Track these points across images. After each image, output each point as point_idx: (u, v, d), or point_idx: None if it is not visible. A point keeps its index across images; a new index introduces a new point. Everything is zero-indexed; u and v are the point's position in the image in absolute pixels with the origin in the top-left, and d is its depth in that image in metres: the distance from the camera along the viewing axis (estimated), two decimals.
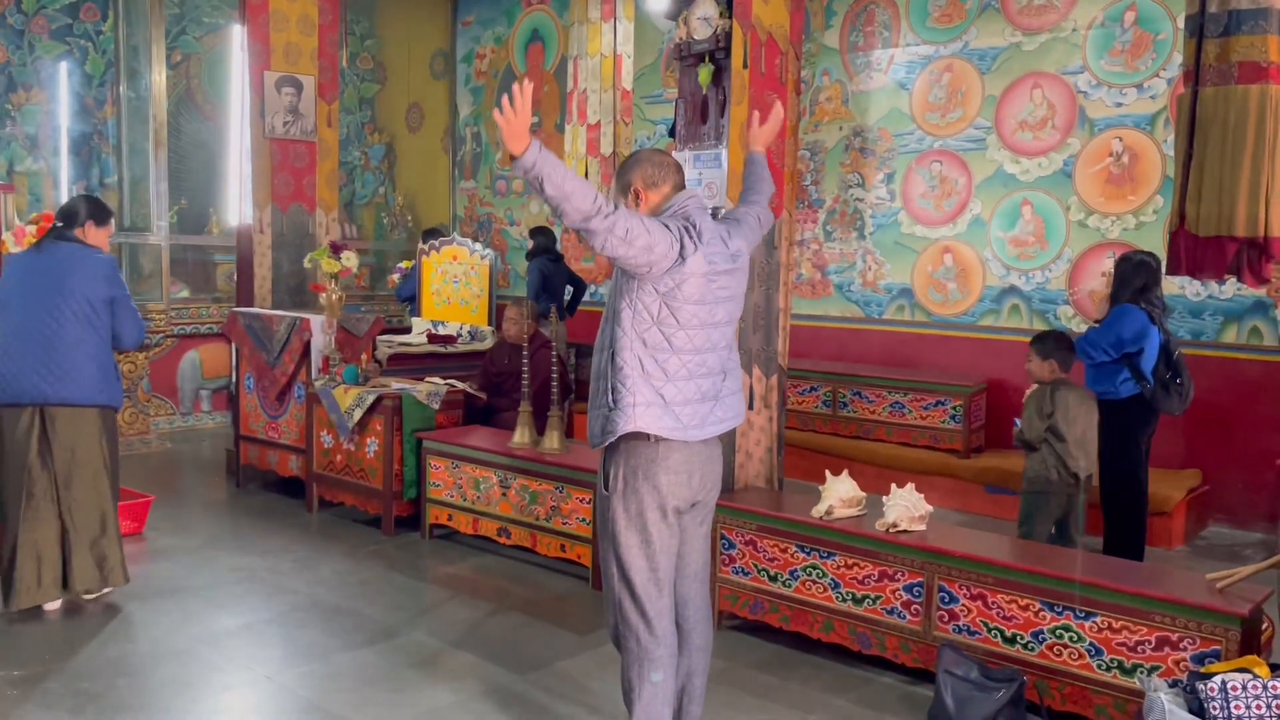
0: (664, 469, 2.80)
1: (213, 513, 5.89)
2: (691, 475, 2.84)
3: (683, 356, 2.80)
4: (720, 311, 2.86)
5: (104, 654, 3.79)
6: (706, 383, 2.86)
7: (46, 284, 4.06)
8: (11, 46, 7.42)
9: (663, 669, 2.84)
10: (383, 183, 9.98)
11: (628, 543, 2.82)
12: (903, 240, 6.96)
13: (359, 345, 5.95)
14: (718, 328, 2.87)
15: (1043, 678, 3.33)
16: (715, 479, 2.97)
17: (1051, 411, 4.23)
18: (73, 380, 4.01)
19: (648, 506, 2.80)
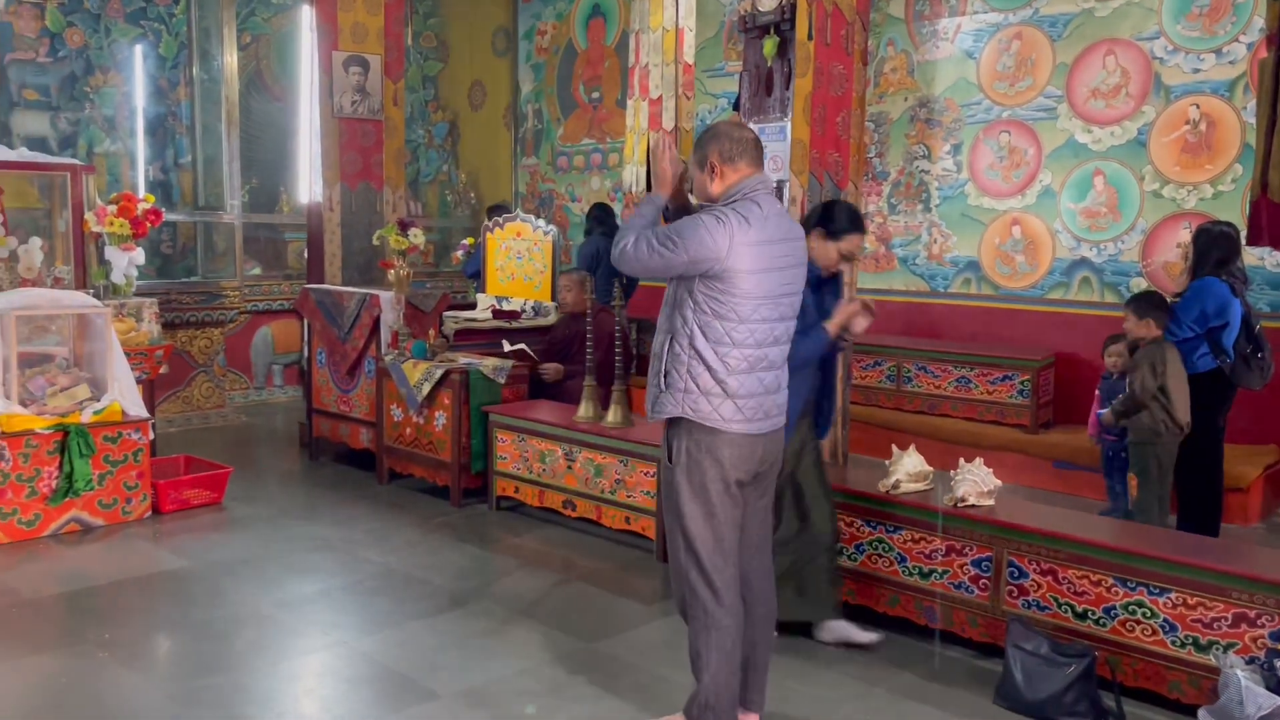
0: (726, 443, 2.83)
1: (287, 484, 6.06)
2: (754, 448, 2.87)
3: (744, 350, 2.81)
4: (784, 305, 2.87)
5: (189, 618, 3.95)
6: (769, 376, 2.89)
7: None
8: (88, 30, 7.63)
9: (730, 638, 2.87)
10: (446, 160, 10.09)
11: (692, 514, 2.85)
12: (969, 212, 6.86)
13: (427, 321, 6.05)
14: (781, 322, 2.89)
15: (1114, 653, 3.30)
16: (777, 452, 2.99)
17: (1163, 369, 4.33)
18: None
19: (710, 479, 2.83)
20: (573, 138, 9.37)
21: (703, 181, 2.91)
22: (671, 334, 2.85)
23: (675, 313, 2.85)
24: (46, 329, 5.24)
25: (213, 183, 8.26)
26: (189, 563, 4.57)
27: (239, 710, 3.21)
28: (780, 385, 2.94)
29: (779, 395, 2.93)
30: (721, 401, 2.80)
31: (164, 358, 6.07)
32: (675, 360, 2.83)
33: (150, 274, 7.52)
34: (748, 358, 2.81)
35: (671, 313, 2.87)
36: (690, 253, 2.73)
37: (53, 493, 4.86)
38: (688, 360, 2.81)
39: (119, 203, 6.01)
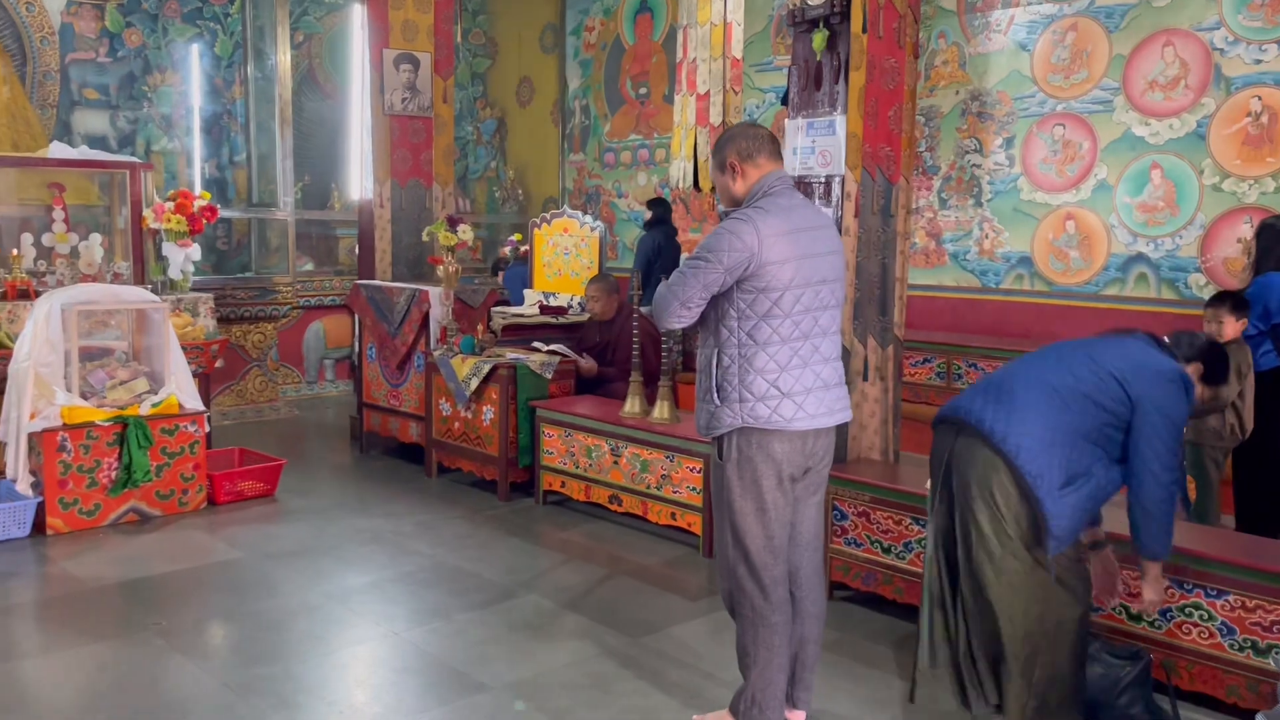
0: (780, 439, 2.81)
1: (338, 476, 6.15)
2: (806, 442, 2.85)
3: (793, 344, 2.79)
4: (825, 292, 2.84)
5: (244, 608, 4.02)
6: (826, 369, 2.87)
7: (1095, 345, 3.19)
8: (146, 30, 7.79)
9: (778, 635, 2.86)
10: (494, 157, 10.16)
11: (743, 510, 2.84)
12: (1022, 207, 6.75)
13: (475, 316, 6.11)
14: (825, 310, 2.85)
15: (1170, 656, 3.23)
16: (829, 447, 2.97)
17: (1247, 370, 4.24)
18: None
19: (763, 474, 2.82)
20: (620, 133, 9.38)
21: (725, 184, 2.91)
22: (718, 347, 2.84)
23: (718, 325, 2.83)
24: (106, 323, 5.36)
25: (266, 180, 8.40)
26: (243, 553, 4.65)
27: (292, 698, 3.27)
28: (839, 379, 2.91)
29: (839, 390, 2.90)
30: (779, 402, 2.78)
31: (219, 352, 6.19)
32: (725, 373, 2.82)
33: (206, 270, 7.68)
34: (798, 352, 2.80)
35: (715, 327, 2.85)
36: (725, 260, 2.71)
37: (112, 483, 4.97)
38: (738, 370, 2.79)
39: (176, 200, 6.14)
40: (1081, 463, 2.76)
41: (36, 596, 4.18)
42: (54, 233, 6.06)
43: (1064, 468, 2.72)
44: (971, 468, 2.80)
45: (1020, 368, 2.95)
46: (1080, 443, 2.76)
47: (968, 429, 2.83)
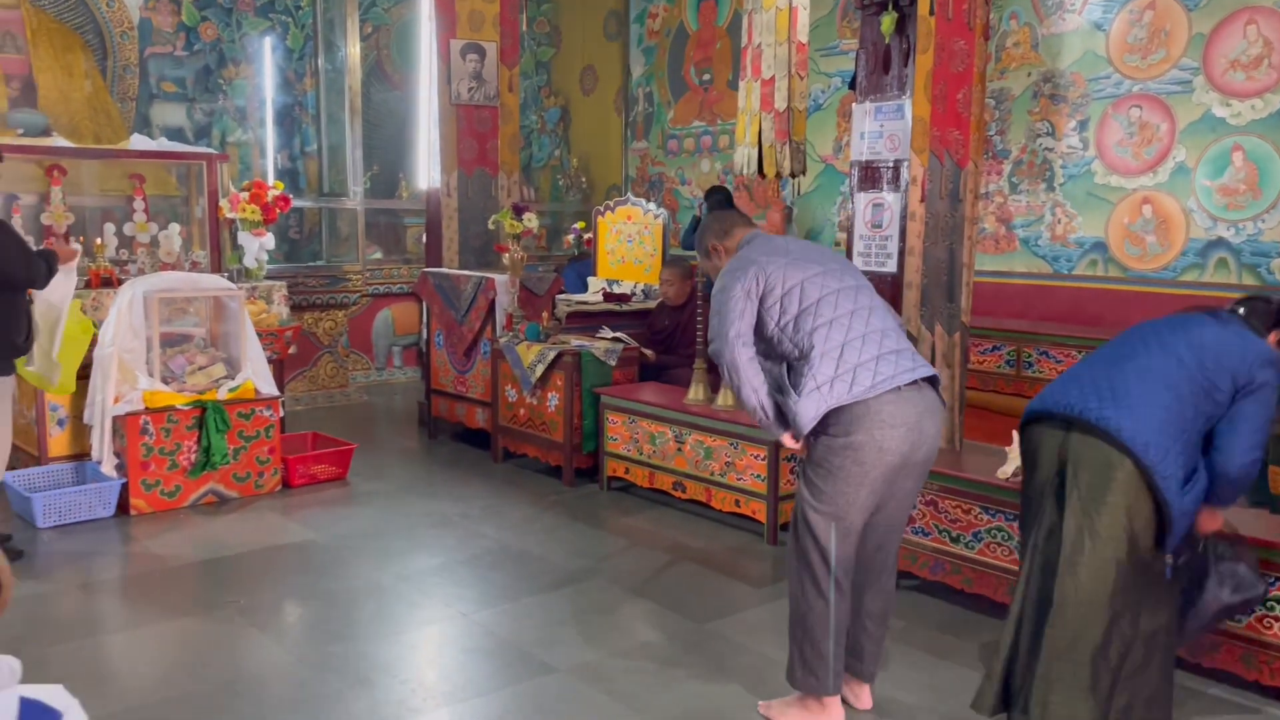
0: (878, 423, 2.77)
1: (407, 461, 6.27)
2: (910, 428, 2.81)
3: (842, 321, 2.83)
4: (861, 296, 2.93)
5: (318, 587, 4.13)
6: (889, 340, 2.86)
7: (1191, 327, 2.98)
8: (221, 24, 7.98)
9: (835, 613, 2.89)
10: (558, 145, 10.21)
11: (821, 490, 2.84)
12: (1096, 191, 6.59)
13: (540, 304, 6.16)
14: (860, 290, 2.94)
15: (1250, 650, 3.15)
16: (935, 433, 2.91)
17: None
18: None
19: (859, 458, 2.79)
20: (683, 120, 9.36)
21: (713, 266, 3.13)
22: (779, 362, 2.90)
23: (772, 349, 2.91)
24: (185, 310, 5.53)
25: (336, 170, 8.55)
26: (316, 535, 4.77)
27: (364, 676, 3.35)
28: (906, 345, 2.91)
29: (910, 352, 2.90)
30: (854, 376, 2.77)
31: (293, 339, 6.34)
32: (796, 375, 2.85)
33: (279, 258, 7.85)
34: (850, 327, 2.83)
35: (769, 352, 2.92)
36: (741, 286, 2.85)
37: (192, 466, 5.14)
38: (807, 370, 2.82)
39: (251, 190, 6.28)
40: (1193, 459, 2.68)
41: (121, 574, 4.34)
42: (135, 222, 6.25)
43: (1184, 465, 2.63)
44: (1091, 466, 2.66)
45: (1123, 357, 2.80)
46: (1194, 438, 2.67)
47: (1081, 424, 2.69)
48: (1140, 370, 2.72)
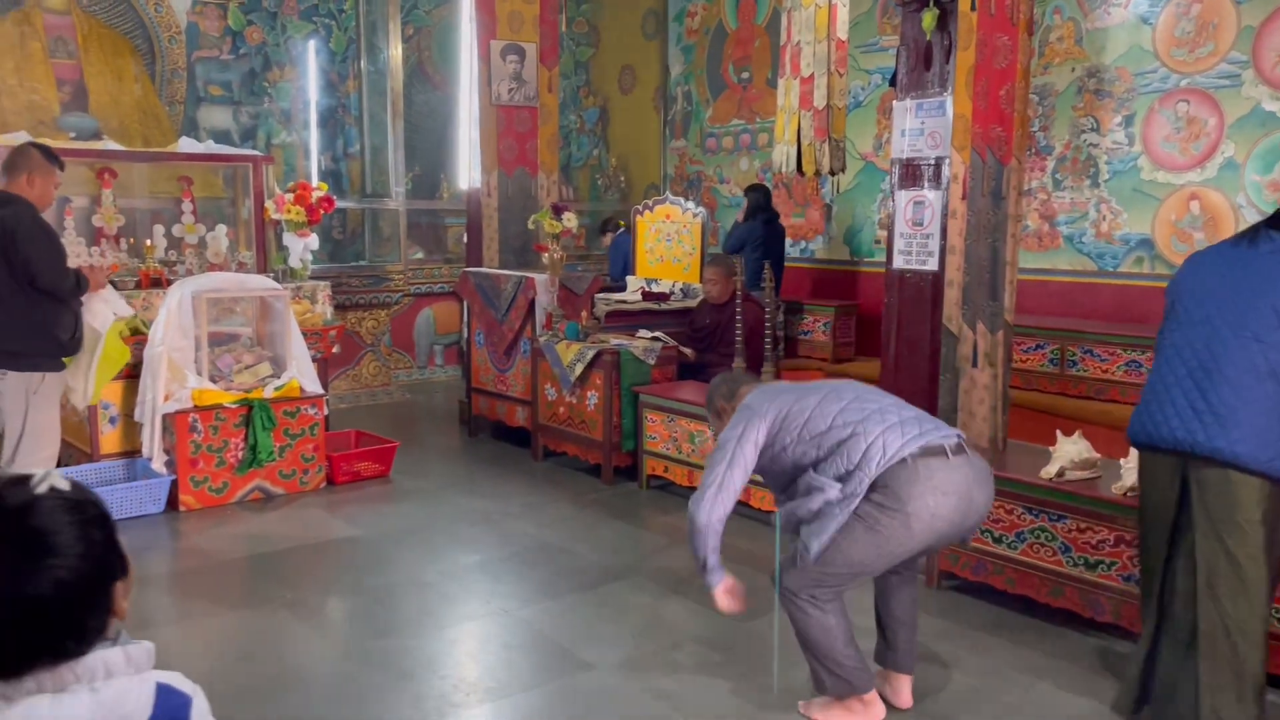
0: (931, 489, 2.74)
1: (448, 458, 6.33)
2: (961, 497, 2.78)
3: (847, 412, 2.90)
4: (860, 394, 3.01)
5: (363, 583, 4.19)
6: (911, 414, 2.92)
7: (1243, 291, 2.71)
8: (266, 28, 8.10)
9: (835, 616, 2.93)
10: (596, 144, 10.25)
11: (847, 550, 2.82)
12: (1142, 187, 6.49)
13: (579, 303, 6.19)
14: (869, 394, 3.01)
15: None
16: (986, 502, 2.89)
17: None
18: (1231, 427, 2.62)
19: (907, 527, 2.76)
20: (722, 119, 9.35)
21: (721, 426, 3.21)
22: (803, 478, 2.92)
23: (791, 468, 2.96)
24: (232, 310, 5.62)
25: (379, 171, 8.65)
26: (360, 531, 4.84)
27: (407, 670, 3.40)
28: (934, 421, 2.95)
29: (939, 422, 2.94)
30: (876, 442, 2.80)
31: (336, 338, 6.42)
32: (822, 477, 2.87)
33: (323, 258, 7.96)
34: (862, 408, 2.91)
35: (790, 470, 2.96)
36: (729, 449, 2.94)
37: (239, 463, 5.23)
38: (824, 466, 2.87)
39: (296, 191, 6.38)
40: None
41: (171, 569, 4.43)
42: (183, 224, 6.37)
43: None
44: (1215, 489, 2.62)
45: (1207, 368, 2.66)
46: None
47: (1196, 459, 2.65)
48: (1230, 379, 2.62)
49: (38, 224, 4.12)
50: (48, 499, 1.22)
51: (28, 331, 4.13)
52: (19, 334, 4.12)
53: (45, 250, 4.12)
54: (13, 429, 4.16)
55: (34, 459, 4.20)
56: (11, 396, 4.14)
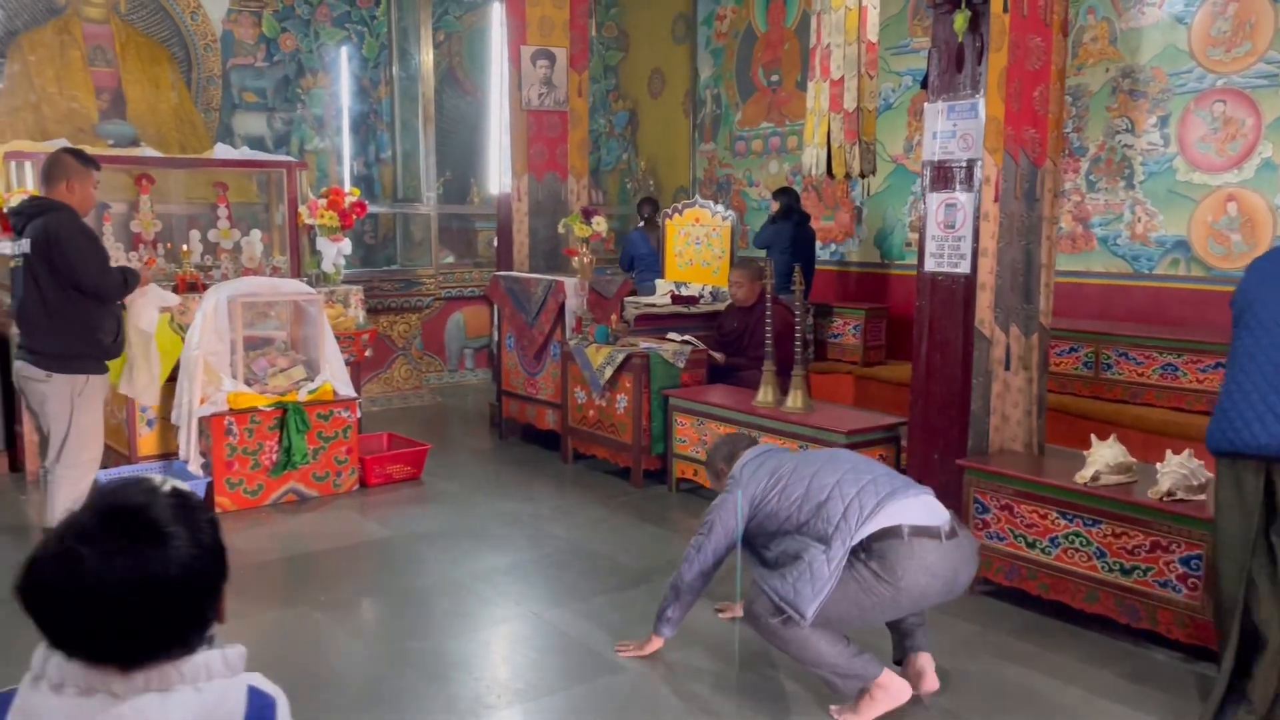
0: (922, 569, 2.89)
1: (479, 461, 6.37)
2: (947, 581, 2.94)
3: (825, 469, 3.09)
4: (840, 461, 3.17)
5: (396, 585, 4.22)
6: (881, 470, 3.11)
7: None
8: (300, 35, 8.19)
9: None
10: (626, 148, 10.27)
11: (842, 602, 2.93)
12: (1178, 188, 6.42)
13: (609, 306, 6.20)
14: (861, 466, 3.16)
15: None
16: (967, 581, 3.04)
17: None
18: None
19: (895, 600, 2.93)
20: (751, 122, 9.34)
21: (722, 485, 3.42)
22: (789, 544, 3.06)
23: (777, 537, 3.12)
24: (267, 314, 5.69)
25: (410, 176, 8.72)
26: (392, 533, 4.88)
27: (439, 672, 3.42)
28: (926, 491, 3.08)
29: (929, 494, 3.07)
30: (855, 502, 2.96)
31: (369, 341, 6.48)
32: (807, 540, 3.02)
33: (355, 263, 8.03)
34: (837, 479, 3.04)
35: (777, 538, 3.12)
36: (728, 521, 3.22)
37: (273, 465, 5.29)
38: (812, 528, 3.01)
39: (328, 196, 6.45)
40: None
41: None
42: (219, 229, 6.45)
43: None
44: None
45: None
46: None
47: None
48: None
49: (79, 229, 4.20)
50: (168, 497, 1.31)
51: (72, 335, 4.21)
52: (63, 338, 4.20)
53: (88, 254, 4.20)
54: (58, 431, 4.24)
55: (79, 459, 4.27)
56: (57, 399, 4.21)
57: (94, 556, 1.23)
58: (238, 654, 1.36)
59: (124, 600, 1.23)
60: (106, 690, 1.25)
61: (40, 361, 4.19)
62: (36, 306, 4.17)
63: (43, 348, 4.19)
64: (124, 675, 1.26)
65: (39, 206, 4.22)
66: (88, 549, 1.24)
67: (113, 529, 1.26)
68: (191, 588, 1.29)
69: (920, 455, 4.42)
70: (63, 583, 1.23)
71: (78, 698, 1.25)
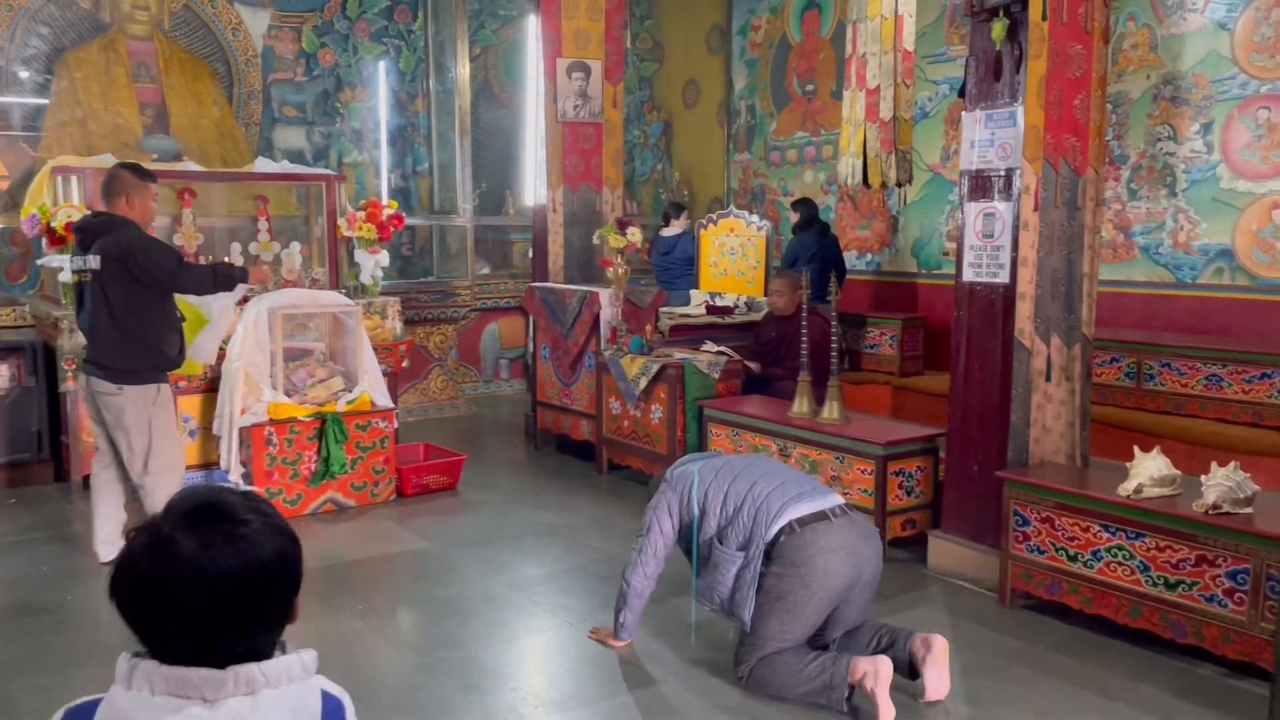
0: (819, 550, 3.11)
1: (514, 471, 6.39)
2: (849, 552, 3.15)
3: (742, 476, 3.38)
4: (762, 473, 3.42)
5: (433, 594, 4.25)
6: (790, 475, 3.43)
7: None
8: (339, 49, 8.30)
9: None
10: (660, 159, 10.29)
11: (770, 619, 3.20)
12: (1221, 196, 6.31)
13: (643, 317, 6.21)
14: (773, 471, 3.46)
15: None
16: (874, 552, 3.25)
17: None
18: None
19: (805, 585, 3.13)
20: (786, 131, 9.33)
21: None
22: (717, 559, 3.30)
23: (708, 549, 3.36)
24: (306, 326, 5.76)
25: (447, 188, 8.79)
26: (429, 543, 4.91)
27: (476, 682, 3.43)
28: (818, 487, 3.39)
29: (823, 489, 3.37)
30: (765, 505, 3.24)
31: (406, 352, 6.53)
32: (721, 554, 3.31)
33: (392, 274, 8.10)
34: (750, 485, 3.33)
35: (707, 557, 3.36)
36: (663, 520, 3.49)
37: (312, 475, 5.34)
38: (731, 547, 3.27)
39: (367, 209, 6.51)
40: None
41: None
42: (259, 242, 6.54)
43: None
44: None
45: None
46: None
47: None
48: None
49: (147, 238, 4.35)
50: (238, 494, 1.37)
51: (141, 349, 4.33)
52: (131, 351, 4.31)
53: (161, 256, 4.34)
54: (140, 442, 4.34)
55: (166, 464, 4.38)
56: (135, 410, 4.31)
57: (190, 543, 1.27)
58: (312, 657, 1.38)
59: (220, 586, 1.27)
60: (199, 696, 1.27)
61: (110, 375, 4.29)
62: (105, 321, 4.27)
63: (112, 361, 4.29)
64: (213, 680, 1.28)
65: (104, 223, 4.31)
66: (184, 536, 1.28)
67: (202, 521, 1.30)
68: (282, 574, 1.33)
69: (959, 467, 4.38)
70: (161, 571, 1.27)
71: (170, 704, 1.27)
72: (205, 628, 1.28)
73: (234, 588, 1.27)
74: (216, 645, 1.29)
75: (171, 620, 1.27)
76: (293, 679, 1.34)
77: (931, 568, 4.47)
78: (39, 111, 7.00)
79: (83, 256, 4.31)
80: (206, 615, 1.27)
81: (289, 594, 1.36)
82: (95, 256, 4.23)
